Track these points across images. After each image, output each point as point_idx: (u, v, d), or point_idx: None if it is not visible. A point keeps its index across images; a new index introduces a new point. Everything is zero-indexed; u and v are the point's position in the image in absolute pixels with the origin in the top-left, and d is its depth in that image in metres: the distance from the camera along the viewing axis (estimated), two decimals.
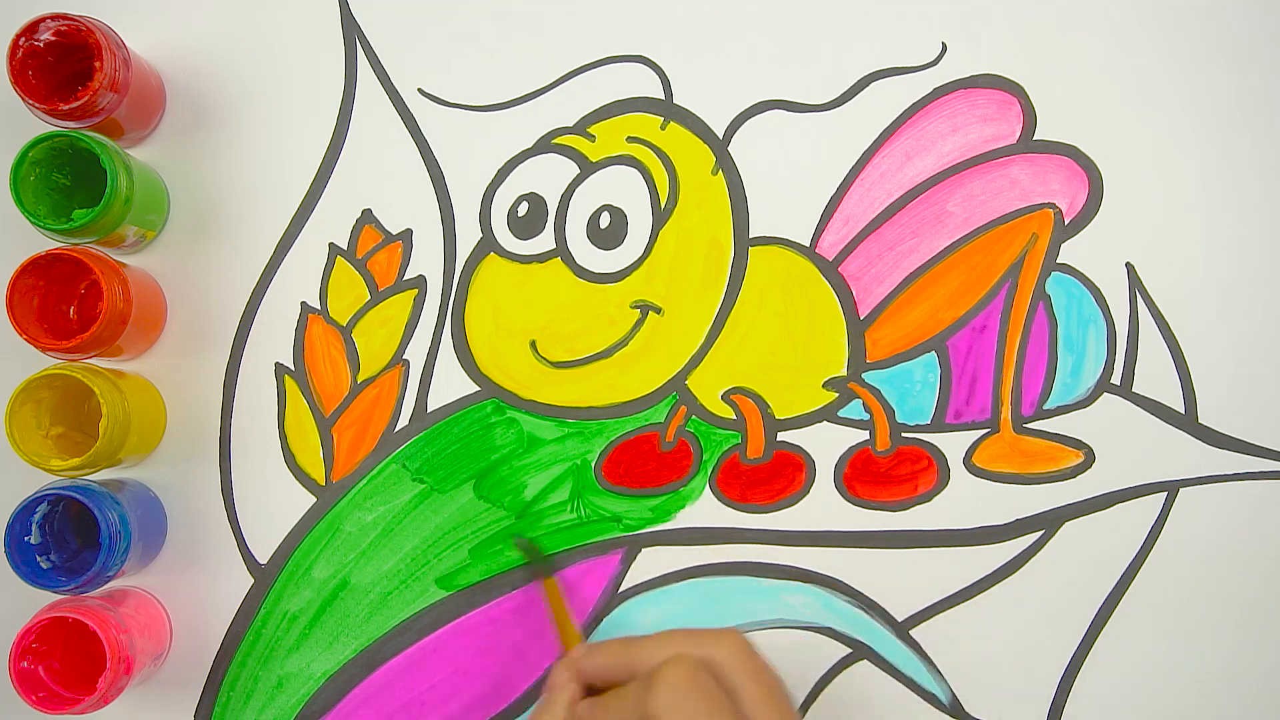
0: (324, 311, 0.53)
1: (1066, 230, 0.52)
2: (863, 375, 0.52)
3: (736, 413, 0.52)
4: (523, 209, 0.53)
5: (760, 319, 0.52)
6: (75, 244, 0.49)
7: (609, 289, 0.52)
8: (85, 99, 0.47)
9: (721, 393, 0.52)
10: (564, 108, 0.53)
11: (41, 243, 0.49)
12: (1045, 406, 0.51)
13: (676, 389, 0.52)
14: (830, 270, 0.52)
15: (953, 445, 0.51)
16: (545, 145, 0.53)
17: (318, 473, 0.52)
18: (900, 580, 0.51)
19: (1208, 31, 0.52)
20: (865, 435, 0.51)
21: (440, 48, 0.53)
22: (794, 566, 0.51)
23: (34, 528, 0.48)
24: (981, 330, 0.52)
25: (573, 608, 0.50)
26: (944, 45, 0.53)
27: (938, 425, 0.51)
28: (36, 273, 0.48)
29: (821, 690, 0.51)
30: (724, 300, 0.52)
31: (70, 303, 0.51)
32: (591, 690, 0.43)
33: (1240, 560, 0.51)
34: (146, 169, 0.51)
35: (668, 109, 0.53)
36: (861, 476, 0.51)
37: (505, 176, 0.53)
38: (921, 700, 0.51)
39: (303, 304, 0.53)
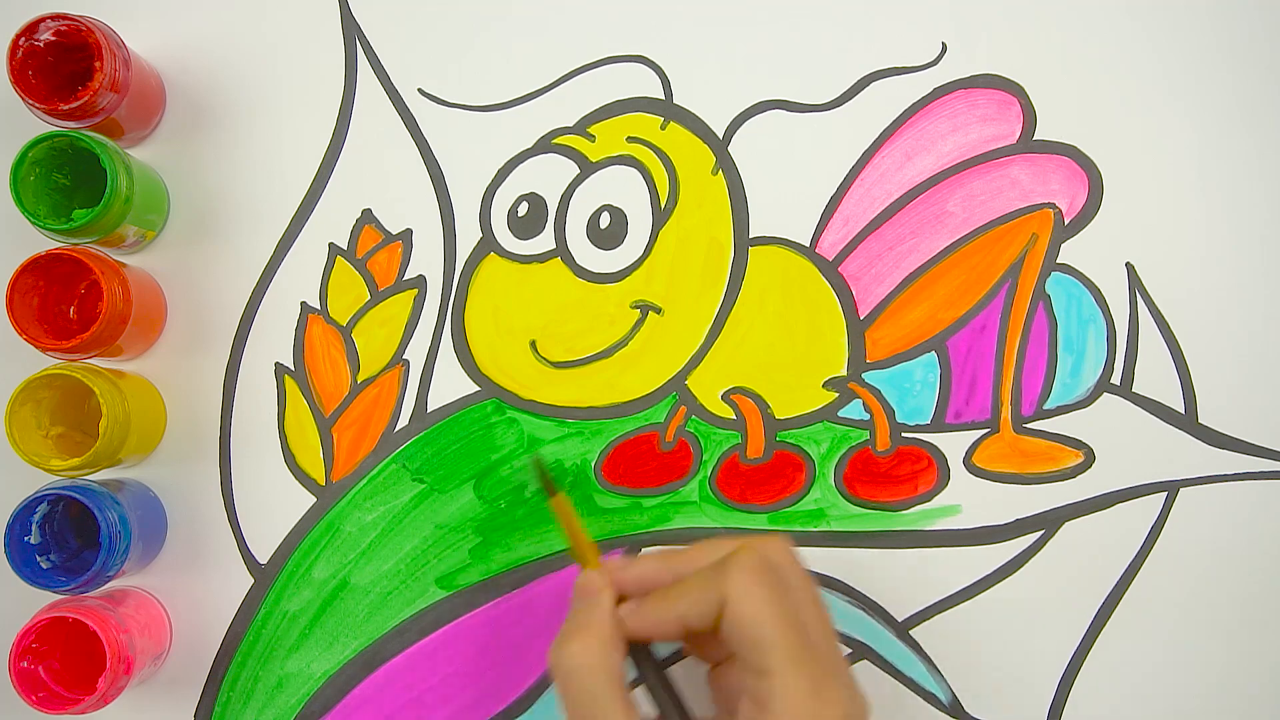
0: (324, 311, 0.53)
1: (1066, 230, 0.52)
2: (863, 375, 0.52)
3: (736, 413, 0.52)
4: (523, 209, 0.53)
5: (760, 319, 0.52)
6: (75, 244, 0.49)
7: (609, 289, 0.52)
8: (85, 99, 0.47)
9: (721, 393, 0.52)
10: (564, 108, 0.53)
11: (41, 243, 0.49)
12: (1045, 406, 0.51)
13: (676, 389, 0.52)
14: (830, 270, 0.52)
15: (953, 445, 0.51)
16: (545, 145, 0.53)
17: (318, 473, 0.52)
18: (900, 580, 0.51)
19: (1208, 31, 0.52)
20: (865, 435, 0.51)
21: (440, 48, 0.53)
22: None
23: (34, 528, 0.48)
24: (981, 330, 0.52)
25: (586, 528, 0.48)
26: (944, 45, 0.53)
27: (938, 425, 0.51)
28: (36, 273, 0.48)
29: None
30: (724, 300, 0.52)
31: (70, 303, 0.51)
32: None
33: (1240, 560, 0.51)
34: (146, 169, 0.51)
35: (668, 109, 0.53)
36: (862, 476, 0.51)
37: (505, 176, 0.53)
38: (921, 700, 0.51)
39: (303, 304, 0.53)
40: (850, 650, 0.51)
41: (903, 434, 0.51)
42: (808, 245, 0.52)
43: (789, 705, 0.37)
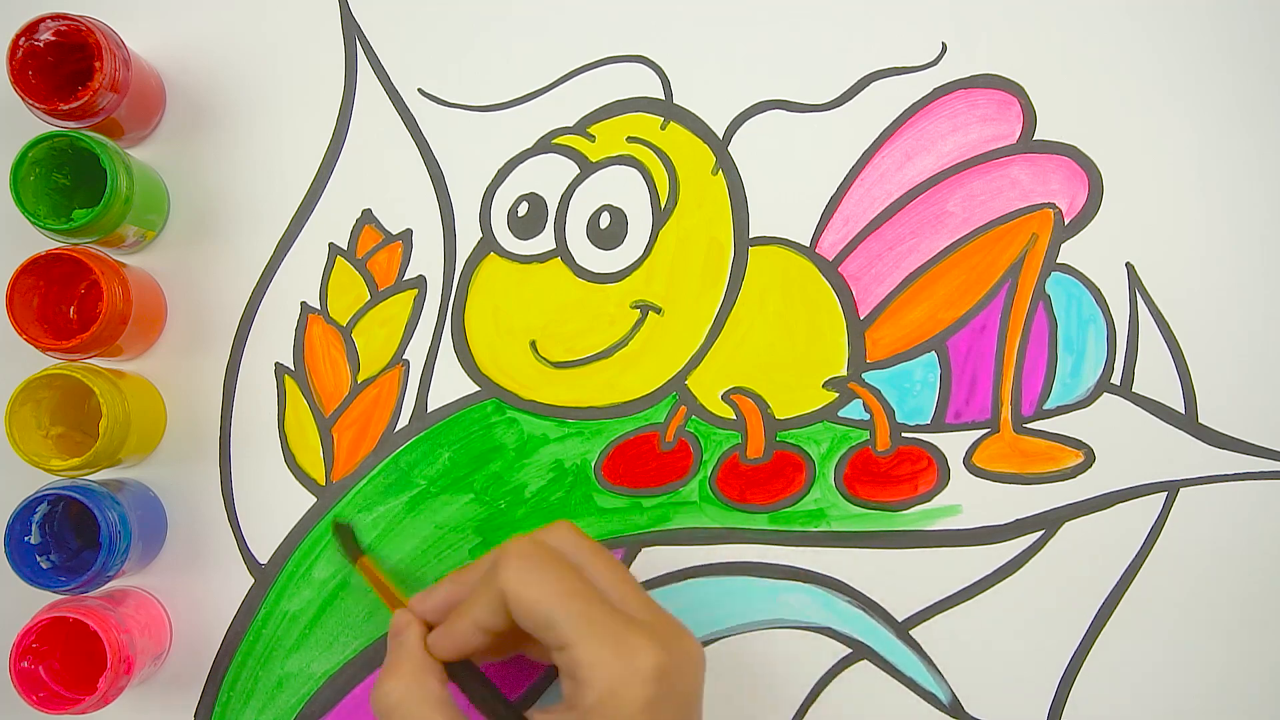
0: (324, 311, 0.53)
1: (1066, 230, 0.52)
2: (863, 375, 0.52)
3: (736, 413, 0.52)
4: (523, 209, 0.53)
5: (760, 319, 0.52)
6: (75, 244, 0.49)
7: (609, 289, 0.52)
8: (85, 99, 0.47)
9: (721, 393, 0.52)
10: (564, 108, 0.53)
11: (41, 243, 0.49)
12: (1045, 406, 0.51)
13: (676, 389, 0.52)
14: (830, 270, 0.52)
15: (953, 445, 0.51)
16: (545, 145, 0.53)
17: (318, 473, 0.52)
18: (900, 580, 0.51)
19: (1208, 31, 0.52)
20: (865, 435, 0.51)
21: (440, 48, 0.53)
22: (794, 566, 0.51)
23: (34, 528, 0.48)
24: (981, 330, 0.52)
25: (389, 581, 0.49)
26: (944, 45, 0.53)
27: (938, 425, 0.51)
28: (36, 273, 0.48)
29: (821, 690, 0.51)
30: (724, 300, 0.52)
31: (70, 303, 0.51)
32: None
33: (1240, 560, 0.51)
34: (146, 169, 0.51)
35: (668, 109, 0.53)
36: (862, 476, 0.51)
37: (505, 176, 0.53)
38: (921, 700, 0.51)
39: (303, 304, 0.53)
40: (851, 650, 0.51)
41: (903, 434, 0.51)
42: (808, 245, 0.52)
43: (595, 669, 0.37)
